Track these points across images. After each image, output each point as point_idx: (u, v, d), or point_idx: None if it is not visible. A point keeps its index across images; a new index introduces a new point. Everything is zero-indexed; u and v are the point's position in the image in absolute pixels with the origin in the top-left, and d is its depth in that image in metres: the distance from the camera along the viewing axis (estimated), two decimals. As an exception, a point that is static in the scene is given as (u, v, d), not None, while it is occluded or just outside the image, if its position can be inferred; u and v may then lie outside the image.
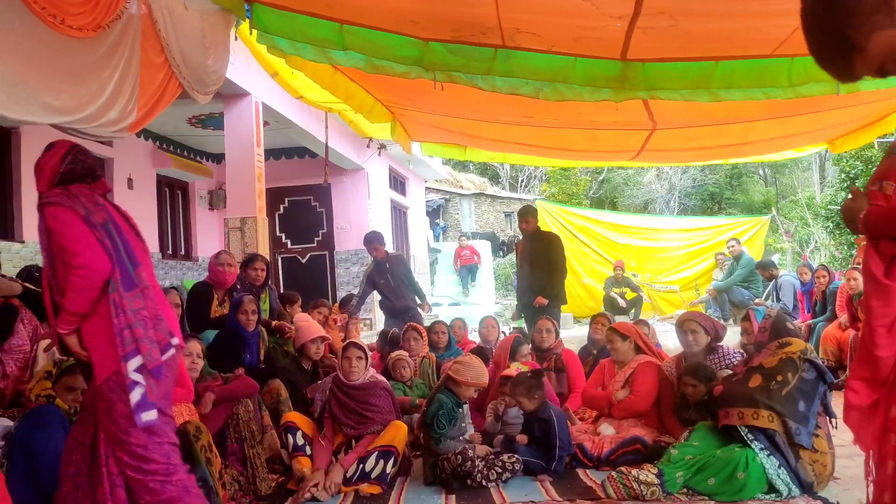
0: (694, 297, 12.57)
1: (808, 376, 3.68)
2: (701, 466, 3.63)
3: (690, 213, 24.51)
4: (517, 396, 4.38)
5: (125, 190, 9.45)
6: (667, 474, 3.61)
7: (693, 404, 4.29)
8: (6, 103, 3.03)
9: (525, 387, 4.35)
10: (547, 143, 7.91)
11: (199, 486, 3.11)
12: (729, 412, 3.75)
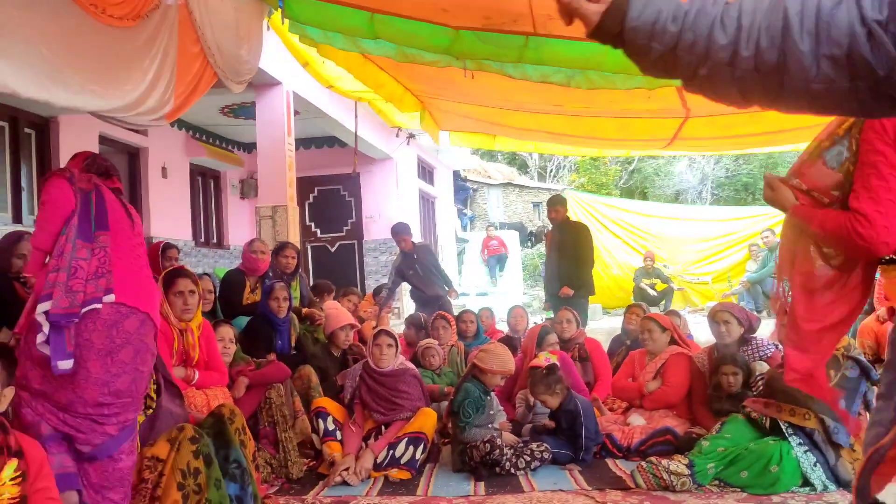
0: (727, 289, 12.43)
1: (851, 374, 3.61)
2: (733, 459, 3.60)
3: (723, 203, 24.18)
4: (539, 396, 4.38)
5: (159, 179, 9.59)
6: (698, 465, 3.59)
7: (727, 395, 4.26)
8: (51, 90, 3.10)
9: (543, 385, 4.35)
10: (577, 132, 7.86)
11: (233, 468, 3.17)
12: (769, 403, 3.72)
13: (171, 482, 2.79)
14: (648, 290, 12.35)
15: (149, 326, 2.76)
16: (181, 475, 2.81)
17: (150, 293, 2.84)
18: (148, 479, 2.80)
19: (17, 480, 2.21)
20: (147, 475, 2.81)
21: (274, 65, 7.21)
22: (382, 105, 7.99)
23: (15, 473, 2.21)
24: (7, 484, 2.18)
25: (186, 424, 2.97)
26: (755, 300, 11.32)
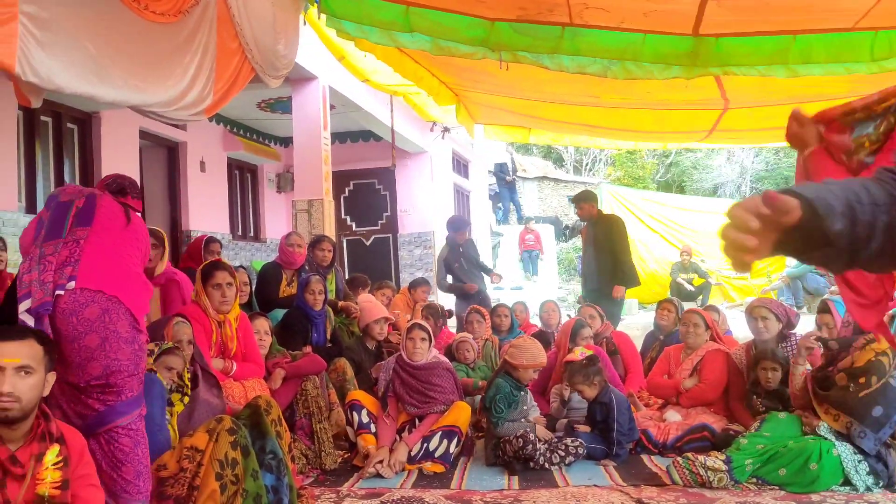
0: (765, 285, 12.22)
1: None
2: (772, 456, 3.54)
3: (762, 197, 23.70)
4: (576, 385, 4.36)
5: (197, 173, 9.73)
6: (735, 461, 3.53)
7: (765, 392, 4.19)
8: (97, 86, 3.16)
9: (582, 375, 4.32)
10: (614, 124, 7.79)
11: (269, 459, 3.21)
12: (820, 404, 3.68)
13: (209, 472, 2.83)
14: (685, 285, 12.20)
15: (118, 313, 2.71)
16: (219, 465, 2.85)
17: (124, 280, 2.81)
18: (187, 469, 2.85)
19: (59, 465, 2.26)
20: (186, 464, 2.85)
21: (310, 59, 7.25)
22: (417, 99, 8.00)
23: (57, 459, 2.26)
24: (49, 469, 2.23)
25: (225, 416, 3.02)
26: (795, 295, 11.11)
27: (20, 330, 2.33)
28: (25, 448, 2.24)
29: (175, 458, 2.89)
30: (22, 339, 2.26)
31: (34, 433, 2.27)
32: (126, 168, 7.98)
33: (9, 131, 6.46)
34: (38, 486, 2.22)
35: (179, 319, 3.52)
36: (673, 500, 3.37)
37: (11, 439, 2.22)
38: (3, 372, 2.17)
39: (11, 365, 2.19)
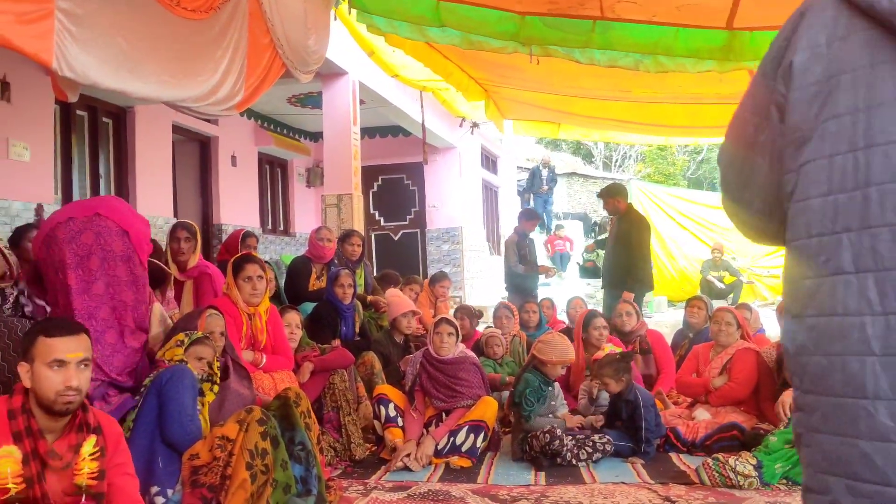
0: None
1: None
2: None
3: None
4: (603, 377, 4.33)
5: (229, 167, 9.83)
6: (766, 466, 3.49)
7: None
8: (130, 81, 3.21)
9: (612, 368, 4.28)
10: (645, 119, 7.72)
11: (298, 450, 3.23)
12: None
13: (239, 461, 2.86)
14: (716, 283, 12.06)
15: (113, 235, 3.02)
16: (249, 455, 2.88)
17: (115, 207, 3.13)
18: (219, 458, 2.88)
19: (96, 455, 2.30)
20: (218, 454, 2.88)
21: (340, 55, 7.29)
22: (446, 95, 8.00)
23: (94, 449, 2.30)
24: (87, 460, 2.28)
25: (255, 407, 3.05)
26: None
27: (74, 324, 2.37)
28: (63, 439, 2.28)
29: (207, 447, 2.92)
30: (79, 333, 2.32)
31: (72, 424, 2.31)
32: (158, 161, 8.11)
33: (46, 125, 6.59)
34: (76, 477, 2.26)
35: (213, 312, 3.56)
36: (701, 498, 3.34)
37: (51, 430, 2.26)
38: (68, 366, 2.23)
39: (75, 359, 2.25)
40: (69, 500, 2.25)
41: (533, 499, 3.41)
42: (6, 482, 2.11)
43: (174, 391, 2.94)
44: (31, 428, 2.21)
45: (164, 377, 2.96)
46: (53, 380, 2.22)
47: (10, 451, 2.14)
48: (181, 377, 3.00)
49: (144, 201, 7.89)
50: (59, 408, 2.24)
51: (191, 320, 3.46)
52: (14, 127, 6.11)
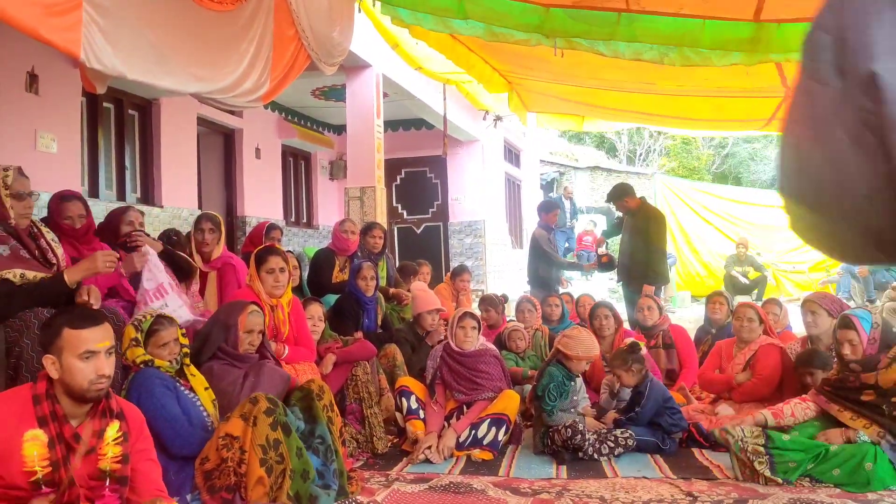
0: (823, 279, 11.89)
1: None
2: (825, 455, 3.45)
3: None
4: (615, 370, 4.32)
5: (253, 159, 9.89)
6: (777, 454, 3.45)
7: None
8: (157, 73, 3.24)
9: (621, 359, 4.28)
10: (669, 112, 7.65)
11: (317, 443, 3.24)
12: (833, 401, 3.58)
13: (252, 458, 2.85)
14: (740, 279, 11.94)
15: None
16: (262, 451, 2.87)
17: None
18: (227, 458, 2.85)
19: (119, 441, 2.33)
20: (225, 454, 2.85)
21: (364, 47, 7.30)
22: (470, 87, 7.99)
23: (117, 434, 2.33)
24: (110, 444, 2.31)
25: (259, 395, 3.01)
26: (866, 289, 10.75)
27: (96, 314, 2.41)
28: (87, 424, 2.32)
29: (213, 447, 2.90)
30: (103, 322, 2.37)
31: (96, 409, 2.35)
32: (183, 154, 8.18)
33: (73, 117, 6.67)
34: (101, 462, 2.29)
35: (254, 309, 3.56)
36: (724, 494, 3.31)
37: (75, 415, 2.30)
38: (98, 356, 2.28)
39: (104, 349, 2.30)
40: (94, 484, 2.29)
41: (554, 492, 3.41)
42: (33, 465, 2.15)
43: (150, 406, 2.86)
44: (56, 413, 2.25)
45: (132, 396, 2.87)
46: (86, 370, 2.26)
47: (37, 434, 2.18)
48: (148, 388, 2.94)
49: (169, 193, 7.97)
50: (92, 395, 2.29)
51: (232, 315, 3.48)
52: (42, 119, 6.20)
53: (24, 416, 2.22)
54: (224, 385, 3.30)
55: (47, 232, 3.39)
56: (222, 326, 3.47)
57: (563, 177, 23.20)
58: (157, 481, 2.49)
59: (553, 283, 7.78)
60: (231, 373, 3.37)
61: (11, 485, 2.16)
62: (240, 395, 3.25)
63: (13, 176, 3.14)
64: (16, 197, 3.13)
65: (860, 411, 3.52)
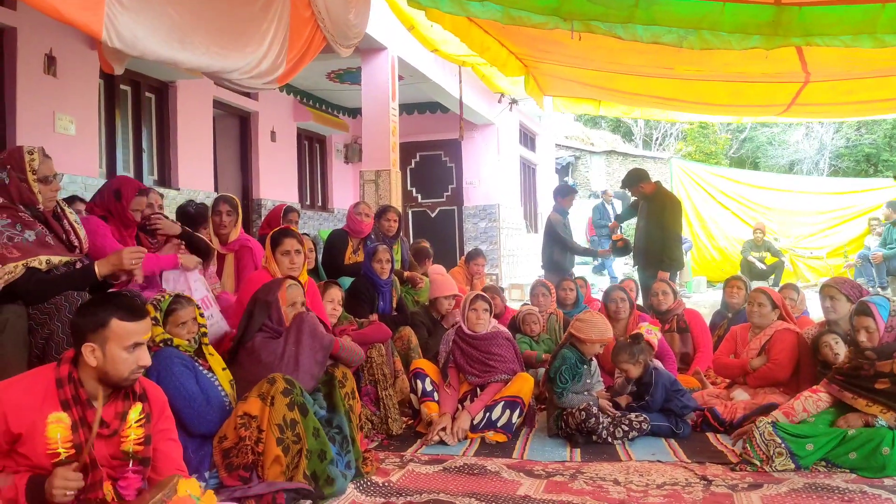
0: (842, 265, 11.80)
1: None
2: (842, 440, 3.44)
3: (842, 175, 22.78)
4: (621, 364, 4.31)
5: (268, 143, 9.91)
6: (792, 442, 3.44)
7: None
8: (179, 52, 3.25)
9: (627, 353, 4.28)
10: (687, 97, 7.58)
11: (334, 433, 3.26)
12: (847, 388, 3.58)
13: (269, 438, 2.89)
14: (757, 264, 11.86)
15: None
16: (279, 430, 2.90)
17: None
18: (245, 437, 2.90)
19: (142, 422, 2.36)
20: (243, 433, 2.91)
21: (380, 29, 7.27)
22: (486, 70, 7.94)
23: (140, 416, 2.36)
24: (133, 426, 2.34)
25: (277, 376, 3.03)
26: (878, 275, 10.67)
27: (139, 307, 2.44)
28: (110, 406, 2.35)
29: (232, 426, 2.95)
30: (147, 314, 2.44)
31: (119, 392, 2.38)
32: (199, 136, 8.22)
33: (91, 100, 6.71)
34: (123, 444, 2.32)
35: (291, 283, 3.58)
36: (739, 478, 3.32)
37: (97, 397, 2.32)
38: (142, 347, 2.35)
39: (146, 341, 2.38)
40: (116, 464, 2.32)
41: (568, 474, 3.42)
42: (56, 447, 2.18)
43: (170, 386, 2.90)
44: (79, 396, 2.27)
45: (152, 375, 2.89)
46: (129, 360, 2.31)
47: (60, 416, 2.21)
48: (167, 367, 2.97)
49: (186, 176, 8.01)
50: (128, 384, 2.35)
51: (271, 291, 3.50)
52: (60, 101, 6.23)
53: (47, 398, 2.24)
54: (265, 358, 3.30)
55: (70, 213, 3.40)
56: (263, 305, 3.46)
57: (579, 161, 23.10)
58: (177, 460, 2.52)
59: (568, 268, 7.78)
60: (270, 344, 3.39)
61: (36, 465, 2.19)
62: (279, 367, 3.28)
63: (38, 158, 3.15)
64: (43, 181, 3.14)
65: (875, 398, 3.50)
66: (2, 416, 2.17)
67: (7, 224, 3.05)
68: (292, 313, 3.50)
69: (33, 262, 3.02)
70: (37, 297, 3.01)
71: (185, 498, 2.10)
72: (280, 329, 3.44)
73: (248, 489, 2.84)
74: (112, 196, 3.87)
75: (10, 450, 2.19)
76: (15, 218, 3.09)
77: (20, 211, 3.12)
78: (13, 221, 3.07)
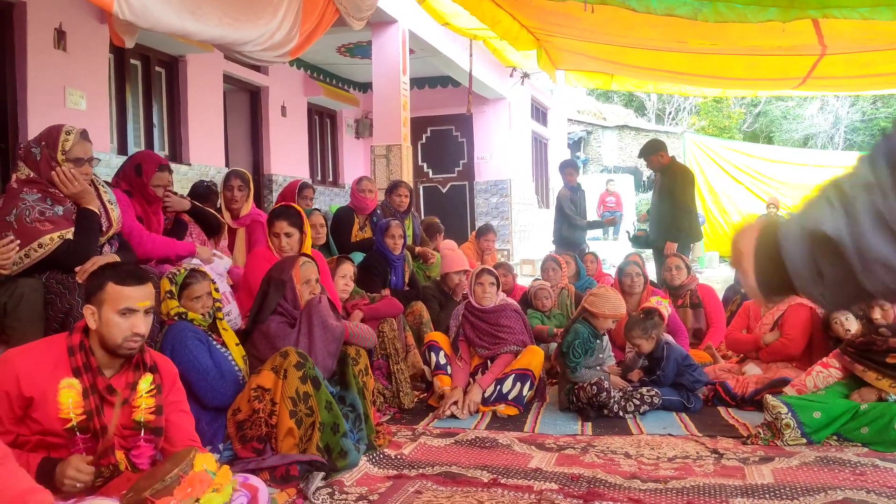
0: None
1: None
2: (854, 414, 3.43)
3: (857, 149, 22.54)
4: (633, 339, 4.31)
5: (279, 117, 9.89)
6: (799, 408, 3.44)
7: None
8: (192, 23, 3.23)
9: (640, 328, 4.27)
10: (701, 71, 7.48)
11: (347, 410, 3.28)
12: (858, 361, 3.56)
13: (283, 410, 2.92)
14: (770, 239, 11.78)
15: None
16: (292, 403, 2.93)
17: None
18: (259, 409, 2.94)
19: (153, 392, 2.39)
20: (257, 405, 2.94)
21: (391, 3, 7.22)
22: (497, 44, 7.86)
23: (151, 386, 2.39)
24: (144, 396, 2.37)
25: (290, 349, 3.06)
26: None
27: (140, 273, 2.44)
28: (121, 376, 2.38)
29: (245, 398, 2.98)
30: (147, 282, 2.40)
31: (129, 362, 2.40)
32: (210, 111, 8.20)
33: (101, 75, 6.69)
34: (134, 413, 2.35)
35: (305, 260, 3.59)
36: (750, 451, 3.33)
37: (109, 367, 2.36)
38: (136, 314, 2.32)
39: (143, 308, 2.34)
40: (129, 434, 2.35)
41: (580, 448, 3.44)
42: (68, 412, 2.21)
43: (184, 356, 2.93)
44: (91, 364, 2.31)
45: (166, 349, 2.94)
46: (122, 326, 2.30)
47: (72, 383, 2.24)
48: (182, 340, 3.00)
49: (197, 151, 8.02)
50: (124, 352, 2.33)
51: (284, 269, 3.50)
52: (70, 76, 6.23)
53: (59, 364, 2.28)
54: (278, 345, 3.30)
55: (105, 192, 3.40)
56: (278, 284, 3.46)
57: (591, 136, 22.94)
58: (190, 431, 2.55)
59: (579, 243, 7.74)
60: (284, 330, 3.39)
61: (48, 430, 2.23)
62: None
63: (73, 139, 3.16)
64: (74, 162, 3.14)
65: (885, 372, 3.50)
66: (15, 380, 2.20)
67: (38, 199, 3.09)
68: (307, 291, 3.50)
69: (67, 234, 3.06)
70: (75, 263, 3.07)
71: (202, 473, 2.12)
72: (295, 312, 3.45)
73: (261, 461, 2.88)
74: (133, 171, 3.89)
75: (23, 415, 2.23)
76: (45, 193, 3.12)
77: (50, 187, 3.14)
78: (43, 196, 3.11)
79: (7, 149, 5.68)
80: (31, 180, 3.12)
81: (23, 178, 3.13)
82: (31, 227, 3.00)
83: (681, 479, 2.96)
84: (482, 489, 2.88)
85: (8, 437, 2.21)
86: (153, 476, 2.13)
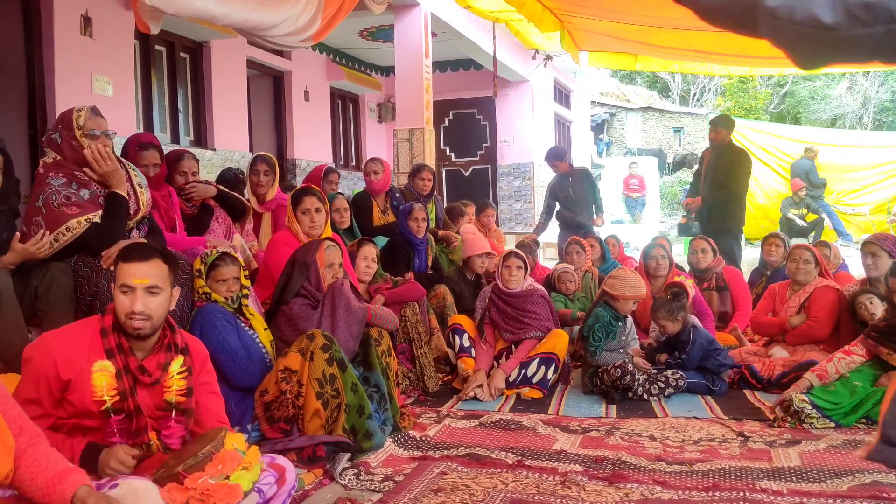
0: (884, 221, 11.53)
1: None
2: (882, 397, 3.40)
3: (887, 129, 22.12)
4: (659, 321, 4.29)
5: (301, 102, 9.91)
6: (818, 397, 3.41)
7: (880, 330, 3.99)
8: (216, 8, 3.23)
9: (666, 310, 4.25)
10: (728, 50, 7.35)
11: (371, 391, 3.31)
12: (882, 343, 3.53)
13: (309, 391, 2.96)
14: (797, 221, 11.65)
15: None
16: (318, 384, 2.97)
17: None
18: (286, 390, 2.97)
19: (184, 374, 2.42)
20: (284, 386, 2.97)
21: (413, -16, 7.18)
22: (520, 26, 7.80)
23: (182, 368, 2.42)
24: (175, 377, 2.40)
25: (316, 332, 3.09)
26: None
27: (146, 250, 2.42)
28: (153, 357, 2.41)
29: (273, 380, 3.02)
30: (149, 259, 2.36)
31: (161, 344, 2.43)
32: (234, 96, 8.25)
33: (127, 61, 6.75)
34: (166, 394, 2.39)
35: (330, 244, 3.60)
36: (777, 434, 3.31)
37: (140, 348, 2.39)
38: (134, 292, 2.31)
39: (141, 286, 2.31)
40: (160, 415, 2.39)
41: (604, 430, 3.45)
42: (102, 394, 2.25)
43: (214, 339, 2.95)
44: (122, 346, 2.33)
45: (195, 329, 2.97)
46: (123, 302, 2.31)
47: (105, 365, 2.28)
48: (211, 321, 3.03)
49: (221, 136, 8.07)
50: (129, 330, 2.31)
51: (309, 253, 3.53)
52: (97, 62, 6.29)
53: (93, 347, 2.31)
54: (301, 327, 3.33)
55: (136, 175, 3.42)
56: (302, 266, 3.48)
57: (614, 118, 22.73)
58: (219, 413, 2.58)
59: (579, 224, 7.57)
60: (307, 312, 3.42)
61: (84, 411, 2.27)
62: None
63: (85, 115, 3.20)
64: (90, 136, 3.18)
65: None
66: (52, 364, 2.24)
67: (63, 183, 3.13)
68: (330, 274, 3.52)
69: (94, 217, 3.10)
70: (104, 246, 3.11)
71: (232, 451, 2.16)
72: (318, 294, 3.47)
73: (289, 442, 2.91)
74: (123, 155, 3.91)
75: (61, 398, 2.27)
76: (70, 177, 3.16)
77: (75, 170, 3.18)
78: (69, 180, 3.15)
79: (36, 135, 5.77)
80: (57, 164, 3.16)
81: (49, 163, 3.17)
82: (58, 211, 3.04)
83: (706, 462, 2.96)
84: (507, 471, 2.89)
85: (48, 421, 2.26)
86: (183, 454, 2.17)
